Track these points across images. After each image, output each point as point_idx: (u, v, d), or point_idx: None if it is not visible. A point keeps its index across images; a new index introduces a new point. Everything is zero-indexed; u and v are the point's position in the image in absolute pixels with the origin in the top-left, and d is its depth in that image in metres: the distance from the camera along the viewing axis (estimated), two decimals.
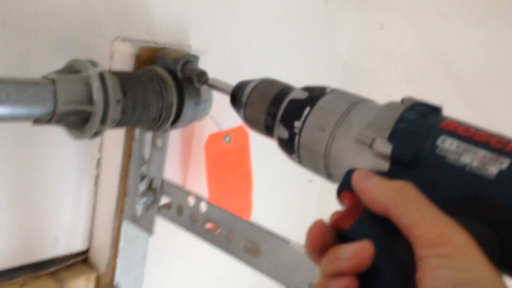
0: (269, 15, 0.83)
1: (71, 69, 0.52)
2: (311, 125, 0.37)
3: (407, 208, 0.27)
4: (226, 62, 0.75)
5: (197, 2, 0.69)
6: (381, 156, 0.31)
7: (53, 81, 0.48)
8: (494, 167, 0.27)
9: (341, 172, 0.34)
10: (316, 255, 0.31)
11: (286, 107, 0.40)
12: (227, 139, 0.73)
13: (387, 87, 1.02)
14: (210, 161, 0.71)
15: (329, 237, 0.31)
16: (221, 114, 0.69)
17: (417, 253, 0.26)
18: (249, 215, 0.78)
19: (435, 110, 0.33)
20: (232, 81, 0.52)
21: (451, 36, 0.94)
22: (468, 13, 0.92)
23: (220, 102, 0.63)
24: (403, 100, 0.34)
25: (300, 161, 0.39)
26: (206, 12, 0.71)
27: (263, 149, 0.80)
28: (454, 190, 0.28)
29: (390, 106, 0.34)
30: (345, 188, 0.32)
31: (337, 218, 0.32)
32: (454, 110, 0.38)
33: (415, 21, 1.00)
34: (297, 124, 0.38)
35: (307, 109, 0.38)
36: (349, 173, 0.32)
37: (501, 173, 0.27)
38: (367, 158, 0.33)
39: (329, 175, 0.37)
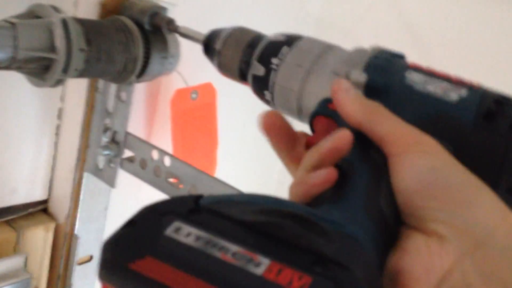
0: None
1: (32, 14, 0.50)
2: (289, 62, 0.40)
3: (378, 120, 0.31)
4: (194, 16, 0.74)
5: None
6: (356, 85, 0.35)
7: (14, 25, 0.46)
8: (454, 93, 0.32)
9: (314, 104, 0.37)
10: (284, 149, 0.34)
11: (265, 47, 0.42)
12: (194, 95, 0.72)
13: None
14: (176, 117, 0.70)
15: (287, 128, 0.35)
16: (189, 70, 0.69)
17: (391, 153, 0.29)
18: (213, 172, 0.79)
19: (400, 56, 0.37)
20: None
21: (421, 3, 0.95)
22: None
23: (188, 58, 0.62)
24: (372, 48, 0.38)
25: (273, 98, 0.41)
26: None
27: (229, 108, 0.81)
28: (420, 112, 0.33)
29: (362, 49, 0.38)
30: (320, 113, 0.35)
31: (311, 136, 0.35)
32: None
33: None
34: (275, 61, 0.40)
35: (285, 48, 0.40)
36: (325, 100, 0.36)
37: (461, 98, 0.32)
38: None
39: (299, 111, 0.40)
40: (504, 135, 0.30)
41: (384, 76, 0.35)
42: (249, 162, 1.02)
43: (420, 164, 0.27)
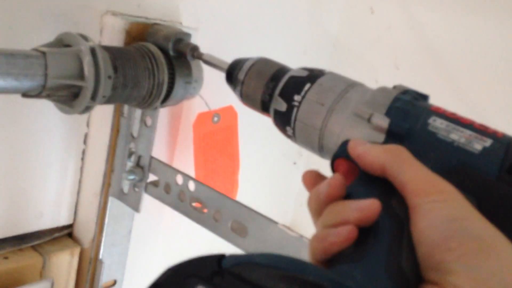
0: None
1: (61, 42, 0.51)
2: (311, 99, 0.40)
3: (401, 166, 0.30)
4: (216, 40, 0.75)
5: None
6: (378, 129, 0.35)
7: (44, 54, 0.47)
8: (478, 144, 0.32)
9: (335, 144, 0.37)
10: (317, 205, 0.33)
11: (287, 82, 0.42)
12: (215, 119, 0.73)
13: (374, 71, 1.03)
14: (198, 141, 0.71)
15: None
16: (211, 94, 0.69)
17: (412, 203, 0.28)
18: (234, 195, 0.79)
19: (423, 97, 0.37)
20: (223, 59, 0.52)
21: (440, 25, 0.95)
22: (457, 2, 0.92)
23: (210, 82, 0.63)
24: (395, 87, 0.38)
25: (294, 134, 0.41)
26: None
27: (250, 131, 0.81)
28: (443, 161, 0.32)
29: (385, 89, 0.38)
30: (341, 156, 0.35)
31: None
32: (438, 97, 0.41)
33: (405, 7, 1.00)
34: (297, 98, 0.40)
35: (307, 85, 0.40)
36: (345, 143, 0.35)
37: (484, 149, 0.31)
38: (363, 130, 0.36)
39: (321, 148, 0.40)
40: None
41: (407, 121, 0.34)
42: (268, 185, 1.02)
43: (440, 215, 0.27)
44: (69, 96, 0.51)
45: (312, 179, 0.36)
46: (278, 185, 1.04)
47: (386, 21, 1.02)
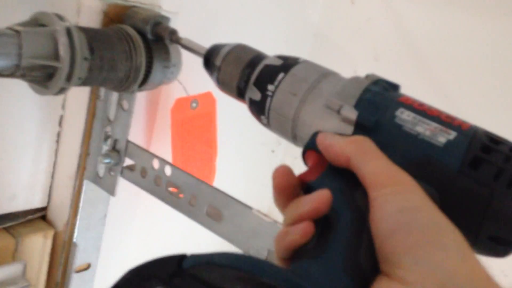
0: None
1: (36, 21, 0.50)
2: (284, 89, 0.39)
3: (364, 157, 0.31)
4: (196, 26, 0.74)
5: None
6: (347, 120, 0.35)
7: (18, 33, 0.46)
8: (442, 137, 0.32)
9: (307, 134, 0.37)
10: (282, 201, 0.33)
11: (261, 71, 0.42)
12: (194, 104, 0.72)
13: (353, 61, 1.04)
14: (176, 126, 0.70)
15: (294, 185, 0.34)
16: (190, 79, 0.69)
17: (370, 195, 0.29)
18: (211, 182, 0.79)
19: (394, 87, 0.37)
20: (202, 44, 0.52)
21: (419, 17, 0.96)
22: None
23: (189, 67, 0.63)
24: (367, 76, 0.38)
25: (269, 123, 0.42)
26: None
27: (229, 117, 0.81)
28: (407, 153, 0.32)
29: (357, 79, 0.38)
30: (311, 148, 0.35)
31: (303, 174, 0.35)
32: (415, 88, 0.41)
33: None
34: (270, 87, 0.40)
35: (281, 75, 0.40)
36: (315, 134, 0.35)
37: (448, 142, 0.31)
38: (333, 122, 0.36)
39: (294, 137, 0.40)
40: (488, 183, 0.30)
41: (375, 113, 0.34)
42: (246, 172, 1.02)
43: (392, 206, 0.27)
44: (43, 77, 0.50)
45: (284, 175, 0.35)
46: (256, 172, 1.05)
47: (366, 12, 1.03)
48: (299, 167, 0.36)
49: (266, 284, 0.22)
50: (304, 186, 0.34)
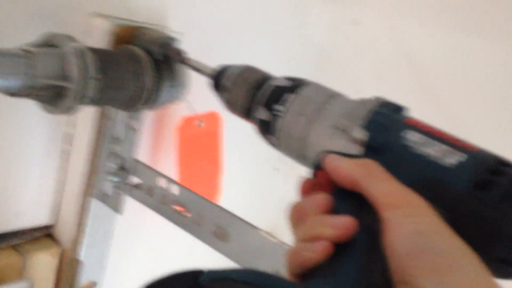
0: (247, 2, 0.83)
1: (47, 42, 0.52)
2: (293, 110, 0.40)
3: (373, 180, 0.31)
4: (202, 45, 0.76)
5: None
6: (355, 141, 0.36)
7: (31, 54, 0.47)
8: (451, 158, 0.32)
9: (314, 154, 0.38)
10: (299, 215, 0.33)
11: (271, 92, 0.43)
12: (200, 123, 0.73)
13: (357, 81, 1.04)
14: (182, 144, 0.71)
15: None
16: (196, 98, 0.70)
17: (382, 217, 0.29)
18: (216, 200, 0.79)
19: (401, 109, 0.38)
20: (209, 64, 0.53)
21: (423, 38, 0.96)
22: (441, 18, 0.94)
23: (196, 86, 0.64)
24: (374, 98, 0.39)
25: (278, 143, 0.42)
26: None
27: (234, 136, 0.82)
28: (416, 175, 0.32)
29: (364, 100, 0.38)
30: (319, 168, 0.36)
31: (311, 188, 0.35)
32: (418, 109, 0.42)
33: (389, 20, 1.01)
34: (279, 108, 0.41)
35: (290, 96, 0.41)
36: (323, 154, 0.36)
37: (456, 163, 0.31)
38: (340, 142, 0.37)
39: (303, 157, 0.41)
40: (496, 205, 0.30)
41: (383, 134, 0.35)
42: (250, 189, 1.02)
43: (407, 228, 0.27)
44: (53, 96, 0.51)
45: (309, 187, 0.36)
46: (260, 190, 1.05)
47: (369, 33, 1.03)
48: None
49: None
50: None
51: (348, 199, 0.32)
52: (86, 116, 0.62)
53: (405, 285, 0.26)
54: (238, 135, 0.83)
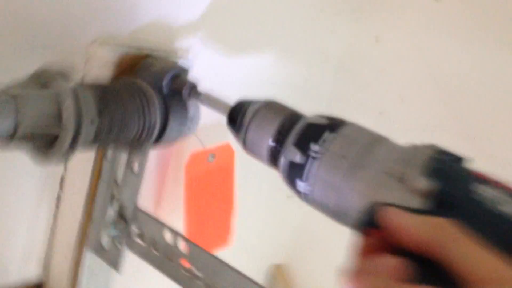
0: (264, 19, 0.76)
1: (38, 79, 0.44)
2: (333, 151, 0.35)
3: (452, 245, 0.26)
4: (212, 64, 0.68)
5: (186, 3, 0.61)
6: (414, 192, 0.30)
7: (14, 98, 0.39)
8: None
9: (359, 204, 0.33)
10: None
11: (304, 130, 0.38)
12: (211, 158, 0.65)
13: (378, 102, 0.97)
14: (190, 183, 0.63)
15: None
16: (204, 129, 0.62)
17: (470, 285, 0.25)
18: (229, 242, 0.71)
19: (460, 159, 0.33)
20: (221, 85, 0.45)
21: (447, 57, 0.90)
22: (466, 35, 0.88)
23: (205, 117, 0.56)
24: (428, 145, 0.34)
25: (310, 190, 0.36)
26: (196, 15, 0.63)
27: (242, 166, 0.74)
28: (495, 235, 0.27)
29: (417, 147, 0.34)
30: (370, 224, 0.30)
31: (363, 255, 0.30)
32: (443, 132, 0.36)
33: (411, 38, 0.95)
34: (315, 148, 0.36)
35: (328, 134, 0.36)
36: (373, 207, 0.30)
37: None
38: (394, 192, 0.32)
39: (340, 210, 0.35)
40: None
41: (451, 187, 0.30)
42: (264, 221, 0.95)
43: None
44: (44, 144, 0.43)
45: (367, 249, 0.30)
46: (273, 220, 0.98)
47: (391, 51, 0.97)
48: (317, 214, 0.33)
49: None
50: None
51: (421, 265, 0.27)
52: (81, 156, 0.54)
53: None
54: (247, 164, 0.76)
